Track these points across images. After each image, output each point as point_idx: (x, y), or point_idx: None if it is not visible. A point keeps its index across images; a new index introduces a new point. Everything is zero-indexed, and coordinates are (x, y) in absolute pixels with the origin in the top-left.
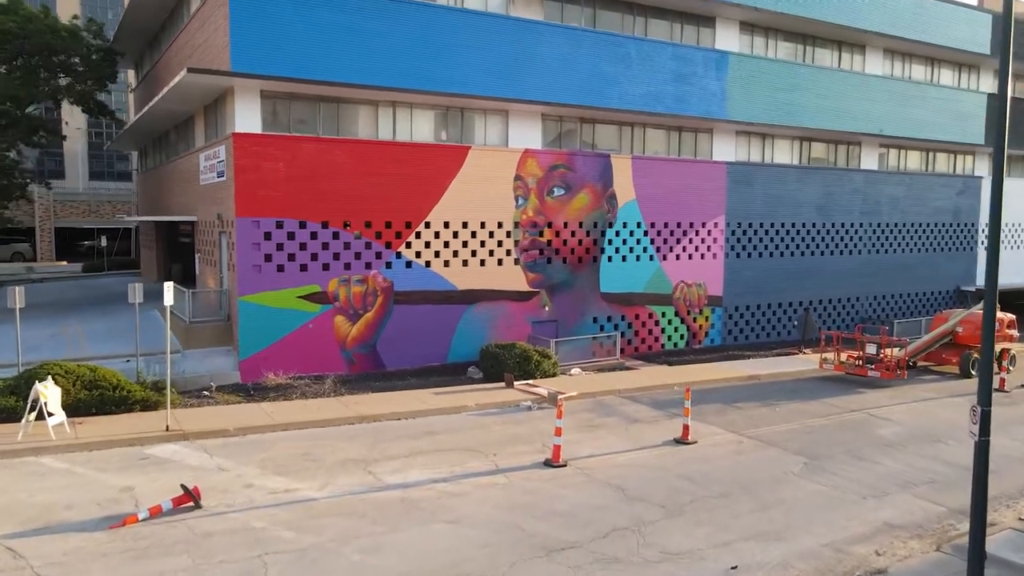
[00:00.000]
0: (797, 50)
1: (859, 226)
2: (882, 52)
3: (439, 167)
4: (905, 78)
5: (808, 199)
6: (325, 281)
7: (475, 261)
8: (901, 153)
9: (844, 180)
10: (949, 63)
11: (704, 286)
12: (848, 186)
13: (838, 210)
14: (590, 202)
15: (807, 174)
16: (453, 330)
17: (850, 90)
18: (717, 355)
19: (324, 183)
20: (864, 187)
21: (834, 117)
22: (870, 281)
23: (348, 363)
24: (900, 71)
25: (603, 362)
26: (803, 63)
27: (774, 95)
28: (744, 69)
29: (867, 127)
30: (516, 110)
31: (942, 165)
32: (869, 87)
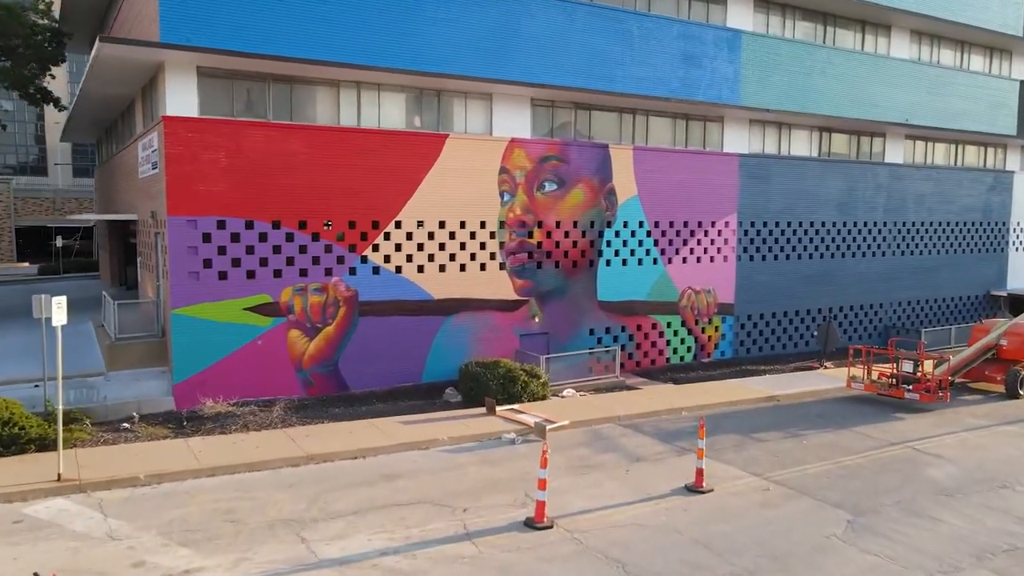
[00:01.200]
0: (816, 31)
1: (883, 225)
2: (909, 34)
3: (412, 158)
4: (933, 63)
5: (828, 195)
6: (277, 290)
7: (454, 266)
8: (928, 146)
9: (867, 175)
10: (980, 47)
11: (714, 292)
12: (872, 181)
13: (861, 208)
14: (586, 199)
15: (827, 168)
16: (428, 345)
17: (874, 75)
18: (729, 370)
19: (275, 176)
20: (889, 183)
21: (857, 105)
22: (893, 286)
23: (305, 385)
24: (928, 55)
25: (600, 380)
26: (823, 45)
27: (792, 80)
28: (759, 50)
29: (892, 116)
30: (501, 93)
31: (971, 159)
32: (894, 72)
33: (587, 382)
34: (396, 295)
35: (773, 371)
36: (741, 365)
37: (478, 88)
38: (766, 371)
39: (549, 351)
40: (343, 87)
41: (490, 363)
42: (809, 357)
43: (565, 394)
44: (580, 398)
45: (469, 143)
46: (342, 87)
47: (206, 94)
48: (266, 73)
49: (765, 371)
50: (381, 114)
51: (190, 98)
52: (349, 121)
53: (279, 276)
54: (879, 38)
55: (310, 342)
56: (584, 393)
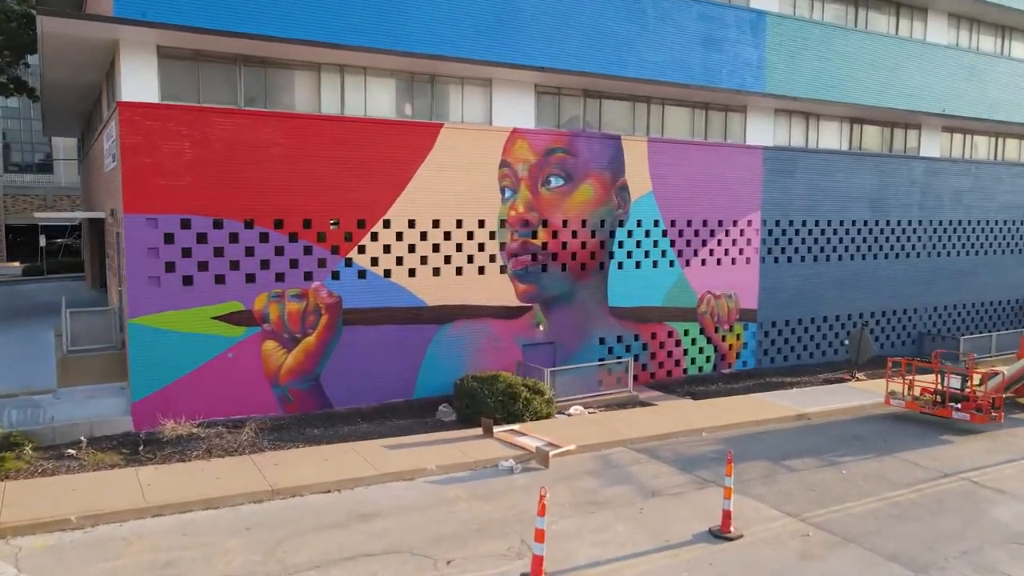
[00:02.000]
0: (847, 13)
1: (917, 224)
2: (946, 17)
3: (402, 150)
4: (972, 49)
5: (859, 192)
6: (250, 297)
7: (449, 269)
8: (966, 138)
9: (901, 169)
10: (1022, 32)
11: (735, 297)
12: (906, 177)
13: (894, 205)
14: (596, 195)
15: (858, 162)
16: (421, 357)
17: (909, 62)
18: (752, 382)
19: (248, 170)
20: (924, 178)
21: (890, 94)
22: (927, 290)
23: (282, 402)
24: (967, 40)
25: (611, 395)
26: (854, 28)
27: (821, 66)
28: (785, 33)
29: (928, 105)
30: (502, 78)
31: (1012, 152)
32: (931, 59)
33: (596, 397)
34: (384, 302)
35: (801, 383)
36: (765, 376)
37: (476, 72)
38: (793, 384)
39: (555, 362)
40: (325, 70)
41: (488, 377)
42: (839, 367)
43: (572, 411)
44: (588, 416)
45: (466, 134)
46: (323, 70)
47: (168, 77)
48: (236, 54)
49: (792, 384)
50: (367, 101)
51: (149, 82)
52: (331, 108)
53: (252, 281)
54: (915, 22)
55: (288, 354)
56: (593, 410)
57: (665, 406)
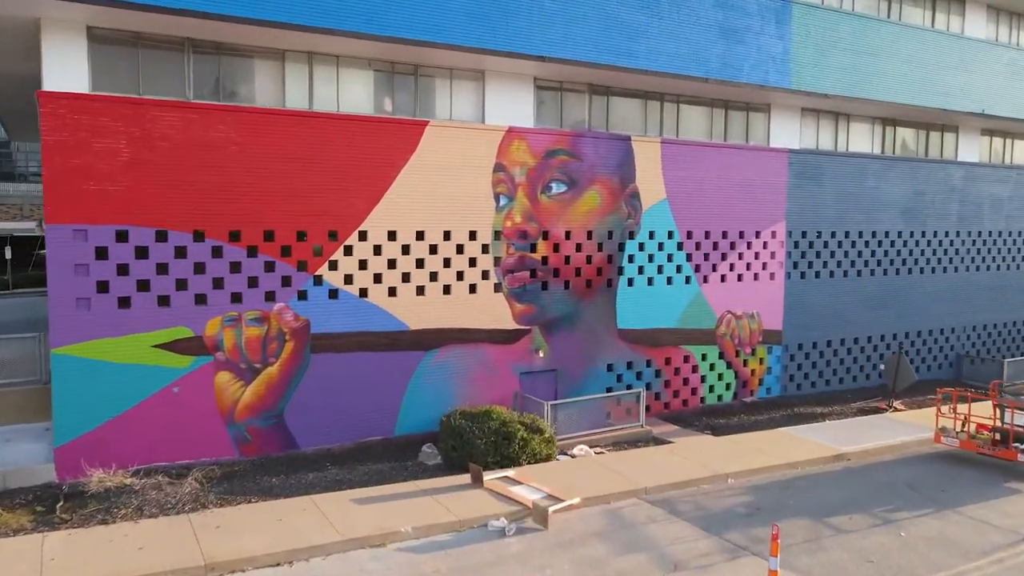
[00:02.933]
0: (880, 4)
1: (955, 236)
2: (985, 9)
3: (381, 151)
4: (1013, 44)
5: (892, 200)
6: (200, 321)
7: (435, 288)
8: (1006, 142)
9: (938, 175)
10: None
11: (758, 317)
12: (943, 183)
13: (930, 215)
14: (603, 203)
15: (891, 167)
16: (402, 389)
17: (946, 58)
18: (778, 413)
19: (198, 172)
20: (963, 185)
21: (926, 92)
22: (965, 308)
23: (238, 443)
24: (1008, 35)
25: (621, 430)
26: (888, 20)
27: (851, 60)
28: (813, 24)
29: (967, 105)
30: (497, 69)
31: None
32: (969, 54)
33: (604, 433)
34: (360, 325)
35: (832, 414)
36: (792, 406)
37: (467, 62)
38: (824, 415)
39: (557, 393)
40: (290, 58)
41: (479, 413)
42: (872, 394)
43: (576, 452)
44: (595, 458)
45: (456, 133)
46: (289, 58)
47: (102, 64)
48: (184, 37)
49: (823, 415)
50: (341, 94)
51: (78, 68)
52: (298, 102)
53: (203, 303)
54: (952, 16)
55: (245, 388)
56: (601, 449)
57: (683, 444)
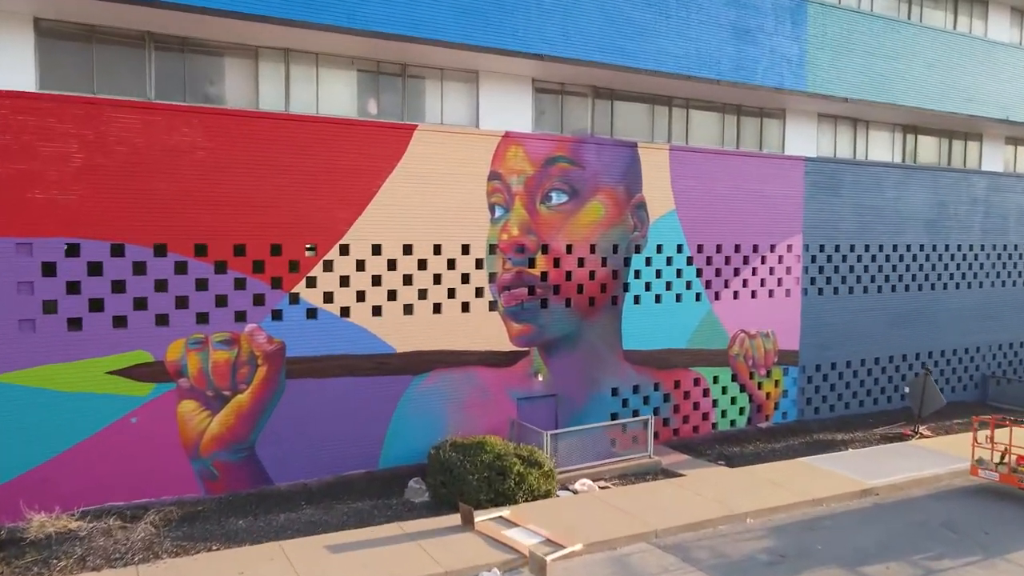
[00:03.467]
0: (899, 5)
1: (979, 250)
2: (1009, 12)
3: (365, 158)
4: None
5: (914, 212)
6: (161, 344)
7: (424, 307)
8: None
9: (961, 186)
10: None
11: (773, 337)
12: (966, 194)
13: (953, 227)
14: (607, 214)
15: (912, 176)
16: (388, 417)
17: (969, 62)
18: (796, 441)
19: (160, 180)
20: (987, 195)
21: (948, 98)
22: (991, 325)
23: (204, 479)
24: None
25: (628, 461)
26: (907, 21)
27: (870, 63)
28: (830, 24)
29: (991, 111)
30: (492, 69)
31: None
32: (993, 58)
33: (609, 465)
34: (341, 348)
35: (854, 442)
36: (810, 432)
37: (459, 61)
38: (846, 442)
39: (557, 420)
40: (264, 56)
41: (472, 444)
42: (895, 418)
43: (579, 486)
44: (600, 494)
45: (447, 138)
46: (263, 55)
47: (52, 60)
48: (144, 31)
49: (844, 442)
50: (320, 95)
51: (23, 64)
52: (273, 103)
53: (165, 324)
54: (974, 19)
55: (212, 418)
56: (605, 483)
57: (695, 477)
